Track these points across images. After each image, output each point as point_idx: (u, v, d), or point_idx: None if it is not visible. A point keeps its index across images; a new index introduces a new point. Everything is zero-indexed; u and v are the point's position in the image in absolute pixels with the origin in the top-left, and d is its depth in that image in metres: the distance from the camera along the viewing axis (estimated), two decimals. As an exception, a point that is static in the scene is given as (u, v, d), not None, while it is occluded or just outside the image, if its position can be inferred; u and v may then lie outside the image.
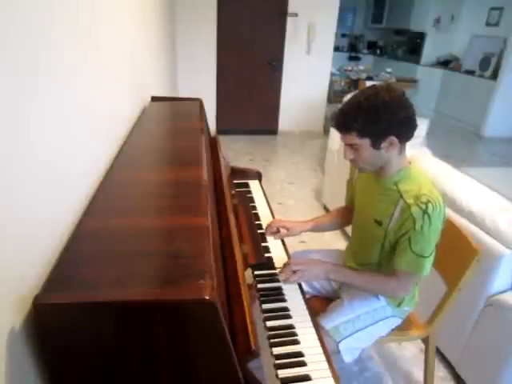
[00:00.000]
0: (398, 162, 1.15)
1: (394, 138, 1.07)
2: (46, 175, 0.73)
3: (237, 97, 5.05)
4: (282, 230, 1.39)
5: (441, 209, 1.08)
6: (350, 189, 1.45)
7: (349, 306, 1.29)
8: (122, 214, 0.89)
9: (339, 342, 1.21)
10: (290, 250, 1.44)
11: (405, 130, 1.08)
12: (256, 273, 1.27)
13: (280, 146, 4.98)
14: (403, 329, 1.38)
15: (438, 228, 1.10)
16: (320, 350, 1.03)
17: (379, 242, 1.23)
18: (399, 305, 1.31)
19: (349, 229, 1.71)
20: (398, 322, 1.34)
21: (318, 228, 1.47)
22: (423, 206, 1.06)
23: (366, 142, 1.08)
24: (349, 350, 1.23)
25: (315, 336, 1.07)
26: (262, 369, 0.93)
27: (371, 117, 1.04)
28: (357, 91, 1.11)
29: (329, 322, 1.24)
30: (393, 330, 1.34)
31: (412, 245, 1.10)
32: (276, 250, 1.41)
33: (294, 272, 1.20)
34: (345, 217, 1.48)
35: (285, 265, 1.24)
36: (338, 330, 1.23)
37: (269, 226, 1.40)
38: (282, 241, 1.48)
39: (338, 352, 1.21)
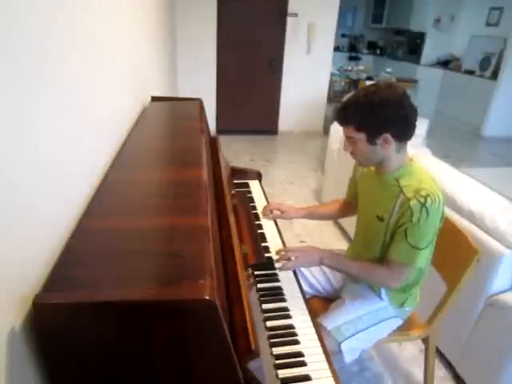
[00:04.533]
0: (396, 159, 1.16)
1: (388, 136, 1.09)
2: (46, 175, 0.73)
3: (237, 97, 5.05)
4: (276, 212, 1.47)
5: (439, 204, 1.08)
6: (351, 186, 1.47)
7: (351, 307, 1.29)
8: (122, 213, 0.89)
9: (341, 342, 1.21)
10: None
11: (401, 129, 1.10)
12: (256, 273, 1.27)
13: (280, 146, 4.98)
14: (403, 329, 1.38)
15: (436, 223, 1.11)
16: (320, 349, 1.03)
17: (381, 237, 1.23)
18: (402, 304, 1.31)
19: (349, 228, 1.70)
20: (399, 322, 1.34)
21: (311, 216, 1.53)
22: (422, 200, 1.07)
23: (362, 136, 1.11)
24: (350, 351, 1.23)
25: (315, 336, 1.07)
26: (262, 369, 0.93)
27: (367, 112, 1.07)
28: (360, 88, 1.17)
29: (330, 323, 1.23)
30: (394, 330, 1.34)
31: (408, 236, 1.11)
32: (276, 250, 1.41)
33: (289, 259, 1.21)
34: (340, 210, 1.53)
35: (280, 251, 1.24)
36: (340, 331, 1.22)
37: (265, 207, 1.49)
38: (282, 241, 1.49)
39: (340, 352, 1.21)
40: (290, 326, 1.09)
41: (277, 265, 1.25)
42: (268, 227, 1.56)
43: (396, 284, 1.21)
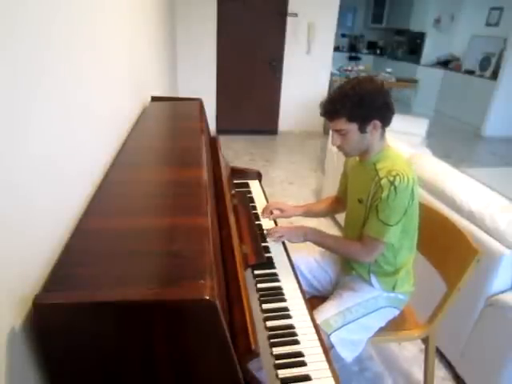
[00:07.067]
0: (378, 146, 1.26)
1: (377, 122, 1.19)
2: (46, 175, 0.73)
3: (237, 97, 5.05)
4: (276, 211, 1.54)
5: (408, 184, 1.16)
6: (342, 182, 1.53)
7: (339, 299, 1.32)
8: (122, 213, 0.89)
9: (330, 334, 1.22)
10: (290, 249, 1.44)
11: (385, 114, 1.22)
12: (256, 273, 1.27)
13: (280, 146, 4.98)
14: (403, 329, 1.38)
15: (404, 201, 1.18)
16: (320, 349, 1.03)
17: (362, 219, 1.28)
18: (393, 288, 1.32)
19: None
20: (394, 312, 1.36)
21: (308, 213, 1.62)
22: (391, 178, 1.17)
23: (353, 127, 1.20)
24: (343, 344, 1.24)
25: (315, 336, 1.07)
26: (262, 369, 0.93)
27: (356, 103, 1.17)
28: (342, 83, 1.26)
29: (320, 316, 1.25)
30: (389, 320, 1.35)
31: (379, 212, 1.20)
32: (276, 250, 1.41)
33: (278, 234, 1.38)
34: (331, 206, 1.62)
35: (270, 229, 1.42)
36: (329, 323, 1.24)
37: (265, 208, 1.55)
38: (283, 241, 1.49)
39: (332, 346, 1.22)
40: (290, 326, 1.09)
41: (266, 235, 1.42)
42: (268, 227, 1.56)
43: (368, 258, 1.28)
